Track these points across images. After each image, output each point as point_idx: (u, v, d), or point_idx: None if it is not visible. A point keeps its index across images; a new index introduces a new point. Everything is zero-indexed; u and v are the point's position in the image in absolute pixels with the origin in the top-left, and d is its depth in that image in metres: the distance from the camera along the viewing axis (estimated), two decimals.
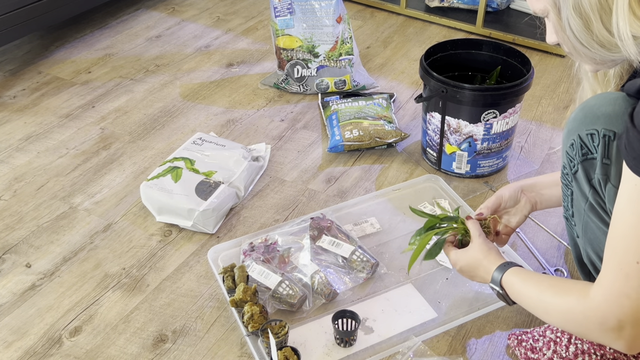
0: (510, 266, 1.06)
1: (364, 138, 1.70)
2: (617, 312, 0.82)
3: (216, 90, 2.04)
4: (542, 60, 2.18)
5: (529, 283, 1.00)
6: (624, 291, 0.81)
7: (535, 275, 1.02)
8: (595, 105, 0.93)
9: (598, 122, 0.91)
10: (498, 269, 1.06)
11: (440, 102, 1.52)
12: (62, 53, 2.26)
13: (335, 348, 1.20)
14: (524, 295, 1.01)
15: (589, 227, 1.05)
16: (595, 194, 0.97)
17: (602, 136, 0.90)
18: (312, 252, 1.37)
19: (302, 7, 1.93)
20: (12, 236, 1.48)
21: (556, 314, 0.93)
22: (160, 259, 1.42)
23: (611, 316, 0.82)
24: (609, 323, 0.83)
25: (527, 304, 1.01)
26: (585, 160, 0.95)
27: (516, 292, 1.03)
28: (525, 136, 1.80)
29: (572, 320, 0.89)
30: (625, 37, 0.80)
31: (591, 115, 0.93)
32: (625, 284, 0.80)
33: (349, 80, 1.99)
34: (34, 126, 1.87)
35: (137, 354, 1.20)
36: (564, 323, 0.92)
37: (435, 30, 2.39)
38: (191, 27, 2.44)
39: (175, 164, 1.57)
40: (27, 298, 1.33)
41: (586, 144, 0.94)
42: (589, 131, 0.93)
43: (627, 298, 0.81)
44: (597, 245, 1.08)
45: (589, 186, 0.97)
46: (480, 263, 1.11)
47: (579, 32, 0.85)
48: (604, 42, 0.84)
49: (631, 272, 0.80)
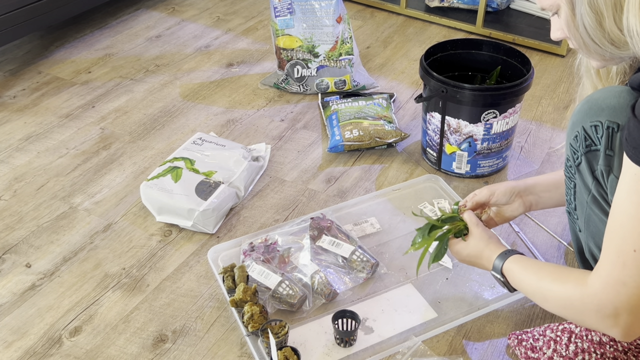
0: (511, 254, 1.07)
1: (364, 138, 1.70)
2: (613, 299, 0.83)
3: (216, 90, 2.04)
4: (542, 60, 2.18)
5: (528, 270, 1.02)
6: (620, 279, 0.82)
7: (536, 263, 1.04)
8: (600, 97, 0.94)
9: (602, 114, 0.92)
10: (499, 257, 1.08)
11: (440, 102, 1.52)
12: (62, 53, 2.26)
13: (335, 348, 1.20)
14: (523, 282, 1.03)
15: (592, 220, 1.05)
16: (598, 185, 0.97)
17: (605, 128, 0.91)
18: (312, 252, 1.37)
19: (302, 7, 1.93)
20: (12, 236, 1.48)
21: (554, 300, 0.94)
22: (160, 259, 1.42)
23: (608, 303, 0.84)
24: (605, 310, 0.85)
25: (526, 290, 1.03)
26: (589, 151, 0.96)
27: (516, 279, 1.05)
28: (525, 136, 1.80)
29: (570, 306, 0.91)
30: (635, 34, 0.81)
31: (596, 108, 0.93)
32: (622, 271, 0.82)
33: (349, 80, 1.99)
34: (34, 126, 1.87)
35: (137, 354, 1.20)
36: (561, 310, 0.94)
37: (435, 30, 2.39)
38: (191, 27, 2.44)
39: (175, 164, 1.57)
40: (27, 298, 1.33)
41: (590, 135, 0.94)
42: (593, 123, 0.93)
43: (623, 286, 0.82)
44: (599, 239, 1.08)
45: (592, 178, 0.97)
46: (482, 252, 1.12)
47: (591, 29, 0.87)
48: (615, 39, 0.85)
49: (628, 261, 0.81)
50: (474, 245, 1.14)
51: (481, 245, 1.13)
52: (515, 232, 1.46)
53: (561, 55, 2.19)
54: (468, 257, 1.16)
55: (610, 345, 1.07)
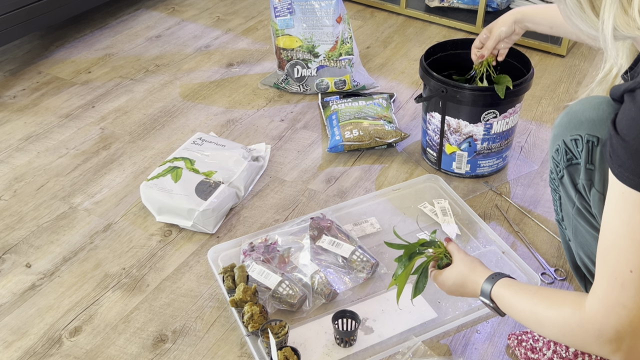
0: (499, 277, 1.01)
1: (364, 138, 1.70)
2: (614, 322, 0.79)
3: (216, 90, 2.04)
4: (542, 60, 2.18)
5: (520, 296, 0.95)
6: (620, 301, 0.78)
7: (527, 287, 0.97)
8: (579, 110, 0.92)
9: (582, 128, 0.91)
10: (487, 281, 1.01)
11: (440, 102, 1.52)
12: (62, 53, 2.26)
13: (335, 348, 1.20)
14: (516, 309, 0.96)
15: (579, 230, 1.04)
16: (582, 198, 0.96)
17: (585, 142, 0.90)
18: (312, 252, 1.37)
19: (302, 7, 1.93)
20: (12, 236, 1.48)
21: (551, 326, 0.89)
22: (160, 259, 1.42)
23: (609, 327, 0.80)
24: (606, 335, 0.80)
25: (519, 317, 0.96)
26: (570, 165, 0.95)
27: (508, 305, 0.98)
28: (525, 136, 1.80)
29: (569, 332, 0.86)
30: (606, 28, 0.76)
31: (575, 121, 0.92)
32: (620, 293, 0.78)
33: (349, 80, 1.99)
34: (34, 126, 1.87)
35: (137, 354, 1.20)
36: (559, 336, 0.88)
37: (435, 30, 2.39)
38: (191, 27, 2.44)
39: (175, 164, 1.57)
40: (27, 298, 1.33)
41: (570, 149, 0.93)
42: (573, 136, 0.92)
43: (623, 308, 0.78)
44: (587, 249, 1.08)
45: (575, 191, 0.96)
46: (467, 277, 1.06)
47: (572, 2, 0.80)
48: (590, 22, 0.79)
49: (626, 282, 0.78)
50: (458, 271, 1.08)
51: (465, 270, 1.06)
52: (515, 232, 1.46)
53: (561, 55, 2.19)
54: (454, 285, 1.09)
55: None
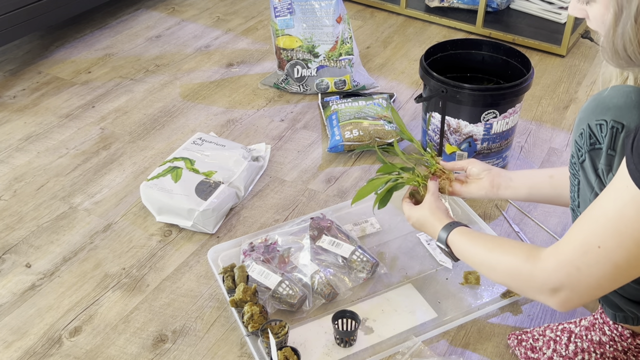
0: (455, 226, 1.12)
1: (364, 138, 1.70)
2: (562, 278, 0.88)
3: (216, 90, 2.04)
4: (542, 60, 2.18)
5: (476, 242, 1.07)
6: (576, 264, 0.86)
7: (483, 235, 1.09)
8: (607, 96, 0.93)
9: (608, 113, 0.91)
10: (444, 229, 1.13)
11: (440, 102, 1.52)
12: (62, 53, 2.26)
13: (335, 348, 1.20)
14: (470, 253, 1.07)
15: None
16: (601, 183, 0.97)
17: (610, 127, 0.91)
18: (312, 252, 1.37)
19: (302, 7, 1.93)
20: (12, 236, 1.48)
21: (502, 270, 0.99)
22: (160, 259, 1.42)
23: (555, 279, 0.88)
24: (550, 284, 0.89)
25: (472, 261, 1.08)
26: (593, 149, 0.96)
27: (462, 250, 1.09)
28: (525, 136, 1.80)
29: (517, 277, 0.96)
30: None
31: (602, 106, 0.93)
32: (580, 258, 0.85)
33: (349, 80, 1.99)
34: (34, 126, 1.87)
35: (137, 354, 1.20)
36: (507, 279, 1.00)
37: (435, 30, 2.39)
38: (191, 27, 2.44)
39: (175, 164, 1.57)
40: (27, 298, 1.33)
41: (595, 133, 0.94)
42: (599, 121, 0.93)
43: (577, 270, 0.86)
44: None
45: (595, 176, 0.97)
46: (427, 220, 1.18)
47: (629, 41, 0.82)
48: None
49: (590, 252, 0.84)
50: (422, 214, 1.20)
51: (428, 213, 1.18)
52: (515, 232, 1.46)
53: (561, 55, 2.19)
54: (417, 223, 1.22)
55: (610, 345, 1.07)
